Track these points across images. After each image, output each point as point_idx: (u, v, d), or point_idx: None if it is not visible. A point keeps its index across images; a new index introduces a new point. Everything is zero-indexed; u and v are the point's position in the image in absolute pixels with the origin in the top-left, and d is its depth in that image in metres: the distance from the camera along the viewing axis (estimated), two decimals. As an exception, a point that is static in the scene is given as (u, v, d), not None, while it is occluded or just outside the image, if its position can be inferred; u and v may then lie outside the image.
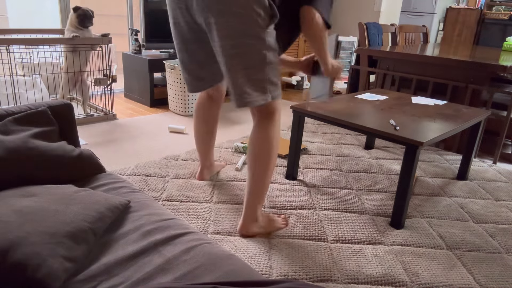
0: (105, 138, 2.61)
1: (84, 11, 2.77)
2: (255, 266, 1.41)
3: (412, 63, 2.91)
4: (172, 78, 3.16)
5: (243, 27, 1.37)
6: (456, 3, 6.46)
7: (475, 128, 2.19)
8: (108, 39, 2.81)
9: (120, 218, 1.05)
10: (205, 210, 1.76)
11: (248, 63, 1.41)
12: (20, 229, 0.85)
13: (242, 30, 1.37)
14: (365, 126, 1.73)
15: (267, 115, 1.50)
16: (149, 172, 2.09)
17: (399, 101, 2.26)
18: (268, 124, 1.50)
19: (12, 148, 1.11)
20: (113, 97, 3.02)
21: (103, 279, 0.84)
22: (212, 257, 0.91)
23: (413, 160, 1.61)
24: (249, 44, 1.39)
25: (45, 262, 0.81)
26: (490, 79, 2.61)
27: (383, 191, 2.09)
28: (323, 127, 3.11)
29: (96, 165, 1.32)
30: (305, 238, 1.61)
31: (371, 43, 3.49)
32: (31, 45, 2.70)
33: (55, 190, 1.05)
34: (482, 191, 2.16)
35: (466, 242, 1.66)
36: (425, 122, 1.85)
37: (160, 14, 3.37)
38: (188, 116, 3.21)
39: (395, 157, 2.59)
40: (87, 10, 2.78)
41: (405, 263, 1.49)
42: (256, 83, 1.43)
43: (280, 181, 2.10)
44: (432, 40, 6.33)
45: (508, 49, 3.50)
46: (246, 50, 1.39)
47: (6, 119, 1.23)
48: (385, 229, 1.72)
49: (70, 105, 1.41)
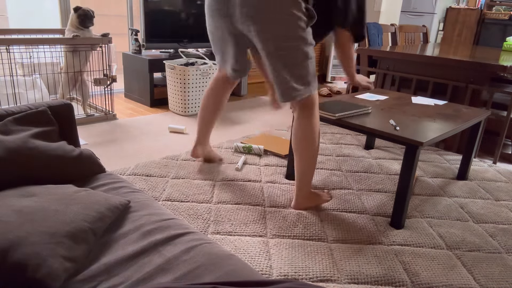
0: (105, 138, 2.61)
1: (85, 11, 2.77)
2: (255, 266, 1.41)
3: (412, 63, 2.91)
4: (172, 78, 3.16)
5: (287, 31, 1.55)
6: (456, 3, 6.46)
7: (475, 128, 2.19)
8: (108, 39, 2.81)
9: (120, 218, 1.05)
10: (205, 210, 1.76)
11: (294, 61, 1.59)
12: (20, 229, 0.85)
13: (286, 34, 1.55)
14: (365, 126, 1.73)
15: (308, 106, 1.69)
16: (149, 172, 2.09)
17: (399, 101, 2.26)
18: (310, 114, 1.69)
19: (12, 148, 1.11)
20: (113, 97, 3.02)
21: (103, 279, 0.84)
22: (212, 257, 0.91)
23: (413, 160, 1.62)
24: (293, 46, 1.57)
25: (45, 262, 0.81)
26: (490, 79, 2.61)
27: (383, 191, 2.09)
28: (323, 127, 3.11)
29: (96, 165, 1.32)
30: (305, 238, 1.61)
31: (371, 43, 3.49)
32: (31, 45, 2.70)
33: (55, 190, 1.05)
34: (482, 191, 2.16)
35: (466, 242, 1.66)
36: (425, 122, 1.85)
37: (160, 14, 3.37)
38: (188, 116, 3.21)
39: (395, 157, 2.59)
40: (88, 10, 2.78)
41: (405, 263, 1.49)
42: (301, 78, 1.63)
43: (280, 181, 2.10)
44: (432, 40, 6.33)
45: (508, 49, 3.50)
46: (291, 51, 1.58)
47: (6, 119, 1.23)
48: (385, 229, 1.72)
49: (70, 105, 1.41)
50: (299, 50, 1.58)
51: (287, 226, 1.68)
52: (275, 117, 3.32)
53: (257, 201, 1.87)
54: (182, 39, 3.56)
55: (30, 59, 3.06)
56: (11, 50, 2.45)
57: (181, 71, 3.06)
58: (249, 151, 2.46)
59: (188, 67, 3.06)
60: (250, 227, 1.65)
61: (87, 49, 2.83)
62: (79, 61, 2.84)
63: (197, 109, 3.24)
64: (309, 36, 1.61)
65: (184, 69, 3.05)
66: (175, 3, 3.45)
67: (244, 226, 1.66)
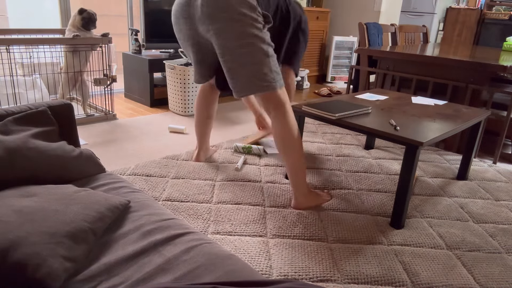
0: (105, 138, 2.61)
1: (90, 14, 2.77)
2: (255, 266, 1.41)
3: (412, 63, 2.91)
4: (172, 78, 3.16)
5: (243, 29, 1.60)
6: (456, 3, 6.46)
7: (475, 128, 2.19)
8: (108, 39, 2.81)
9: (120, 218, 1.05)
10: (205, 210, 1.76)
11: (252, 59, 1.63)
12: (20, 229, 0.85)
13: (242, 31, 1.60)
14: (365, 126, 1.73)
15: (278, 105, 1.71)
16: (149, 172, 2.09)
17: (399, 101, 2.26)
18: (283, 113, 1.72)
19: (12, 148, 1.11)
20: (113, 97, 3.02)
21: (103, 279, 0.84)
22: (212, 257, 0.91)
23: (413, 160, 1.62)
24: (250, 43, 1.61)
25: (45, 262, 0.81)
26: (490, 79, 2.61)
27: (383, 191, 2.09)
28: (323, 127, 3.11)
29: (96, 165, 1.32)
30: (305, 238, 1.61)
31: (371, 43, 3.49)
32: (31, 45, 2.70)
33: (55, 190, 1.05)
34: (482, 191, 2.16)
35: (466, 242, 1.66)
36: (425, 122, 1.85)
37: (160, 14, 3.37)
38: (188, 116, 3.21)
39: (395, 157, 2.59)
40: (93, 13, 2.78)
41: (405, 263, 1.49)
42: (262, 75, 1.65)
43: (280, 181, 2.10)
44: (432, 40, 6.33)
45: (508, 49, 3.50)
46: (248, 48, 1.61)
47: (6, 119, 1.23)
48: (385, 229, 1.72)
49: (70, 105, 1.41)
50: (256, 47, 1.62)
51: (287, 226, 1.68)
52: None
53: (257, 201, 1.87)
54: (182, 39, 3.56)
55: (30, 59, 3.06)
56: (11, 50, 2.45)
57: (181, 71, 3.06)
58: (249, 151, 2.46)
59: (188, 67, 3.06)
60: (250, 227, 1.65)
61: (87, 49, 2.83)
62: (79, 61, 2.84)
63: (197, 109, 3.24)
64: (266, 36, 1.65)
65: (184, 69, 3.05)
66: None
67: (244, 226, 1.66)
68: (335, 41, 4.84)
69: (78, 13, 2.77)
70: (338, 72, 5.00)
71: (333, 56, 4.88)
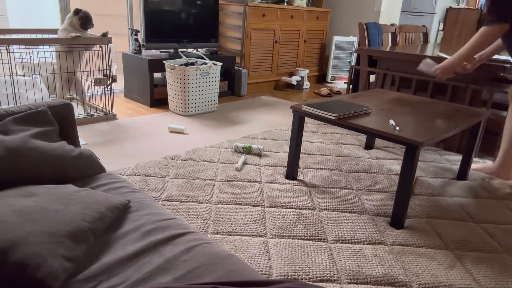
0: (105, 138, 2.61)
1: (86, 13, 2.77)
2: (255, 266, 1.41)
3: (412, 63, 2.91)
4: (172, 78, 3.16)
5: None
6: (456, 3, 6.46)
7: (475, 128, 2.19)
8: (108, 39, 2.81)
9: (120, 218, 1.05)
10: (205, 210, 1.76)
11: None
12: (20, 229, 0.85)
13: None
14: (365, 126, 1.73)
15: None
16: (149, 172, 2.09)
17: (399, 101, 2.26)
18: None
19: (12, 148, 1.11)
20: (113, 97, 3.02)
21: (103, 279, 0.84)
22: (212, 257, 0.91)
23: (413, 160, 1.62)
24: None
25: (45, 262, 0.81)
26: (490, 79, 2.61)
27: (383, 191, 2.09)
28: (323, 127, 3.11)
29: (96, 165, 1.32)
30: (305, 238, 1.61)
31: (371, 43, 3.49)
32: (31, 45, 2.70)
33: (55, 190, 1.05)
34: (482, 191, 2.16)
35: (466, 242, 1.66)
36: (425, 122, 1.85)
37: (160, 14, 3.37)
38: (188, 116, 3.21)
39: (395, 157, 2.59)
40: (88, 12, 2.78)
41: (405, 263, 1.49)
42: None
43: (280, 181, 2.10)
44: (432, 40, 6.33)
45: (508, 49, 3.49)
46: None
47: (6, 119, 1.23)
48: (385, 229, 1.72)
49: (70, 105, 1.41)
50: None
51: (287, 226, 1.68)
52: (275, 117, 3.32)
53: (257, 201, 1.87)
54: (182, 39, 3.56)
55: (30, 59, 3.06)
56: (11, 50, 2.45)
57: (181, 71, 3.06)
58: (248, 151, 2.46)
59: (188, 67, 3.06)
60: (250, 227, 1.65)
61: (81, 49, 2.83)
62: (72, 61, 2.83)
63: (197, 109, 3.24)
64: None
65: (184, 69, 3.05)
66: (175, 3, 3.45)
67: (244, 226, 1.66)
68: (335, 41, 4.84)
69: (74, 14, 2.76)
70: (338, 72, 5.00)
71: (333, 56, 4.88)
